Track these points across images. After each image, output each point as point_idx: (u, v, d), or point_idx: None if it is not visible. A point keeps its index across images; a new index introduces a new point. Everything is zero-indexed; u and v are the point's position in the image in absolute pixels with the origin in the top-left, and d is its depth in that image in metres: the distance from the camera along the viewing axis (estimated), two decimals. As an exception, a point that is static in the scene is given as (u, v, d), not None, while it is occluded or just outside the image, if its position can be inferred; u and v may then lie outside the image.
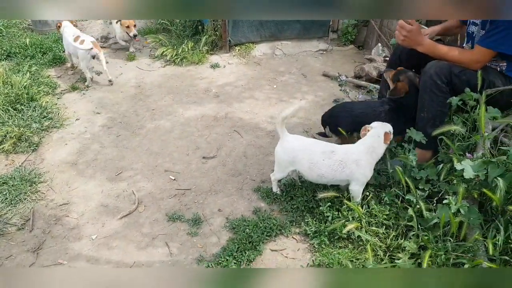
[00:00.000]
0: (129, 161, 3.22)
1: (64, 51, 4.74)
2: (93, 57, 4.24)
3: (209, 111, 3.92)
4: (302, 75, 4.66)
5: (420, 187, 2.34)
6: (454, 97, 2.41)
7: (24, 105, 3.72)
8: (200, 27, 5.26)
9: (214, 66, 4.78)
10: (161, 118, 3.81)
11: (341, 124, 2.81)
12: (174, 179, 3.03)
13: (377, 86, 3.92)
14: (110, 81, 4.38)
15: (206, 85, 4.40)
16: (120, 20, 5.01)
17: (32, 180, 2.92)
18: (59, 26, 4.65)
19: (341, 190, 2.62)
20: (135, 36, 4.97)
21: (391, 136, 2.41)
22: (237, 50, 5.01)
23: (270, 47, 5.15)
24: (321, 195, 2.49)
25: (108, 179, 3.02)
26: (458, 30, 3.00)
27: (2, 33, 5.54)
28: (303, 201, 2.67)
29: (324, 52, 5.26)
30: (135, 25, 5.01)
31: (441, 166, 2.32)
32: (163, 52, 4.94)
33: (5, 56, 4.87)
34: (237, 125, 3.70)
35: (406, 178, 2.30)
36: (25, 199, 2.77)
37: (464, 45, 2.79)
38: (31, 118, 3.58)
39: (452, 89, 2.47)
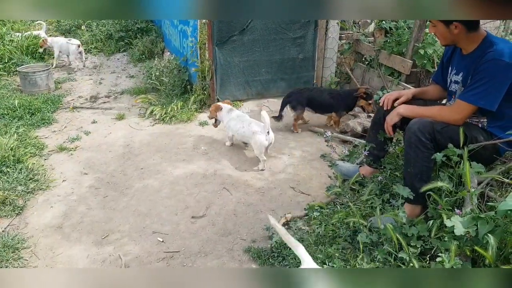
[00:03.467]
0: (116, 223, 3.15)
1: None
2: (79, 52, 6.95)
3: (198, 168, 3.92)
4: (290, 131, 4.76)
5: (412, 244, 2.33)
6: (438, 153, 2.47)
7: (10, 167, 3.67)
8: (188, 86, 5.42)
9: (203, 123, 4.86)
10: (149, 177, 3.79)
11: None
12: (163, 241, 2.95)
13: (362, 141, 4.01)
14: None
15: (195, 142, 4.45)
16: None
17: (15, 246, 2.81)
18: (44, 41, 6.89)
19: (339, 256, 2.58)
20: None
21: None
22: (225, 108, 5.12)
23: (256, 104, 5.30)
24: (318, 255, 2.45)
25: (94, 242, 2.93)
26: (435, 93, 3.08)
27: (-9, 95, 5.59)
28: (296, 263, 2.61)
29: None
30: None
31: (431, 222, 2.33)
32: (152, 110, 5.04)
33: (-7, 118, 4.88)
34: (226, 182, 3.70)
35: (398, 235, 2.29)
36: (7, 267, 2.64)
37: (446, 103, 2.92)
38: (17, 180, 3.52)
39: (436, 144, 2.55)
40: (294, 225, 3.02)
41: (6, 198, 3.27)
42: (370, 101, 4.40)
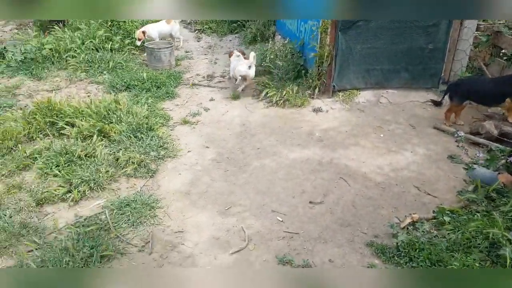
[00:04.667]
0: (238, 197, 3.27)
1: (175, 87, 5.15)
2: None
3: (314, 155, 3.89)
4: (411, 126, 4.47)
5: None
6: None
7: (144, 133, 4.01)
8: (303, 71, 5.38)
9: (317, 110, 4.80)
10: (266, 157, 3.86)
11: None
12: (282, 221, 2.99)
13: (500, 146, 3.61)
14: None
15: (309, 128, 4.42)
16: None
17: (151, 205, 3.08)
18: (143, 33, 6.57)
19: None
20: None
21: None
22: (340, 96, 5.00)
23: (374, 95, 5.07)
24: (454, 263, 2.27)
25: (218, 212, 3.08)
26: None
27: (122, 67, 6.16)
28: (425, 265, 2.45)
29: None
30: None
31: None
32: (267, 93, 5.10)
33: (125, 88, 5.37)
34: (343, 172, 3.61)
35: None
36: (144, 222, 2.91)
37: None
38: (149, 146, 3.84)
39: None
40: (420, 227, 2.83)
41: (142, 161, 3.59)
42: None
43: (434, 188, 3.37)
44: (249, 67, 5.11)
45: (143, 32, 6.61)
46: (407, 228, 2.85)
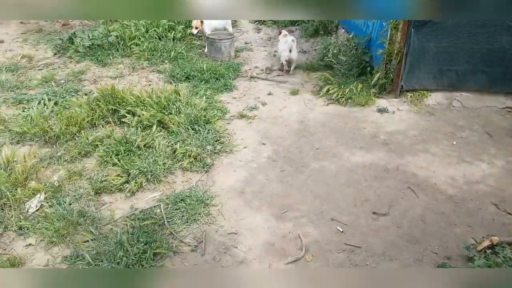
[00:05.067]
0: (294, 200, 3.11)
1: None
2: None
3: (378, 160, 3.62)
4: (487, 134, 4.04)
5: None
6: None
7: (201, 126, 3.96)
8: (368, 68, 5.06)
9: (382, 110, 4.48)
10: (325, 159, 3.65)
11: None
12: (342, 231, 2.79)
13: None
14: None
15: (373, 130, 4.13)
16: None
17: (205, 201, 3.01)
18: (201, 22, 6.39)
19: None
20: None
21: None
22: (408, 97, 4.63)
23: (446, 97, 4.64)
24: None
25: (273, 215, 2.94)
26: None
27: (183, 56, 6.18)
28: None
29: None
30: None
31: None
32: (328, 89, 4.86)
33: (185, 78, 5.36)
34: (411, 182, 3.32)
35: None
36: (198, 220, 2.85)
37: None
38: (206, 140, 3.77)
39: None
40: (501, 252, 2.50)
41: (198, 155, 3.54)
42: None
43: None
44: (290, 50, 5.44)
45: (202, 21, 6.49)
46: (485, 252, 2.54)
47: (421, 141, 3.91)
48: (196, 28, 6.48)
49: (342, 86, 4.82)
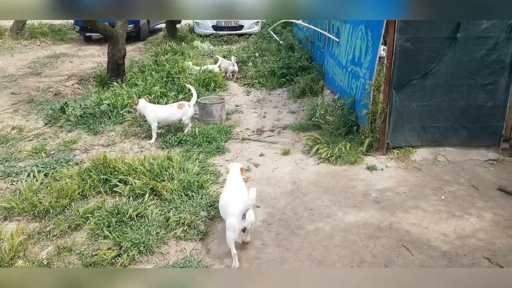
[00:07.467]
0: (291, 266, 3.08)
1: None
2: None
3: (371, 218, 3.65)
4: (473, 187, 4.14)
5: None
6: None
7: (194, 192, 3.98)
8: (355, 126, 5.25)
9: (371, 168, 4.59)
10: (320, 220, 3.67)
11: None
12: (341, 296, 2.75)
13: None
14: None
15: (364, 188, 4.20)
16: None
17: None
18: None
19: None
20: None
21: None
22: (395, 153, 4.77)
23: (431, 153, 4.79)
24: None
25: (271, 283, 2.89)
26: None
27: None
28: None
29: (495, 163, 4.67)
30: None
31: None
32: (318, 149, 4.99)
33: (177, 143, 5.46)
34: (405, 239, 3.34)
35: None
36: (193, 295, 2.78)
37: None
38: (199, 205, 3.78)
39: None
40: (502, 311, 2.48)
41: (192, 222, 3.53)
42: None
43: (508, 260, 3.01)
44: (233, 64, 8.71)
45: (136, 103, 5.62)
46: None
47: (411, 197, 3.98)
48: (134, 105, 5.70)
49: (331, 145, 4.96)
